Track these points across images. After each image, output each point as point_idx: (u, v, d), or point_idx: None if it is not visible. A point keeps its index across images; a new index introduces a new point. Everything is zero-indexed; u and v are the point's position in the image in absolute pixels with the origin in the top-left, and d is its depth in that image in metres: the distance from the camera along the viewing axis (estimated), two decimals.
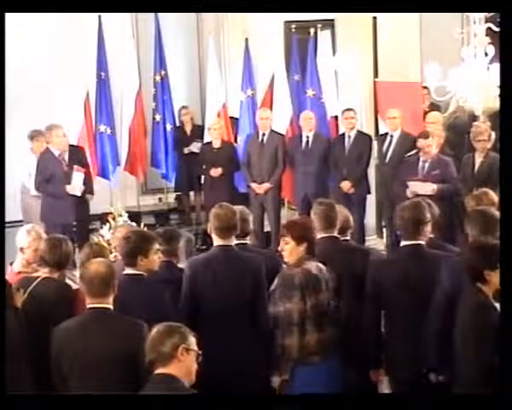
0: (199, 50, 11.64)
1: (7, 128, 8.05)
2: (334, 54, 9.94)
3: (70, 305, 4.51)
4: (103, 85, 9.98)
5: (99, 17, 9.80)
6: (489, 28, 7.18)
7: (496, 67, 6.95)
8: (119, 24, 10.17)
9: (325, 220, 5.04)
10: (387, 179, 8.41)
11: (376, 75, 9.61)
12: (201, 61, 11.50)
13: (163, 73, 10.36)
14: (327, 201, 5.40)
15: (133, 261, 4.50)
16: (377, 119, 9.50)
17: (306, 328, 4.42)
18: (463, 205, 6.17)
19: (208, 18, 11.24)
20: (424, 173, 7.72)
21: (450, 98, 7.89)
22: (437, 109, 9.10)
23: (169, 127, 10.42)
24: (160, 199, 11.33)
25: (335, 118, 9.71)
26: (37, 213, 8.18)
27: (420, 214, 4.76)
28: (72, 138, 9.00)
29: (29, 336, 4.33)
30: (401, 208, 4.86)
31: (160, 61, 10.34)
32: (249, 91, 10.15)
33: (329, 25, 10.24)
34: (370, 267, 4.88)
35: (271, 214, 9.06)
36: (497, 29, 6.73)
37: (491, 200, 5.35)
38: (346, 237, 5.26)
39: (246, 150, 9.24)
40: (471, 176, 7.70)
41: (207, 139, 9.74)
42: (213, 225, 4.85)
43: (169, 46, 10.66)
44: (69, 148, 8.65)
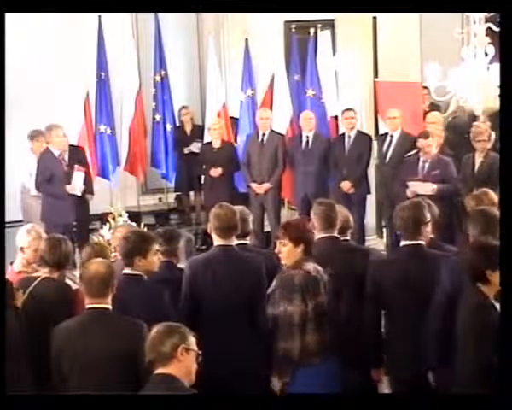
0: (199, 50, 11.63)
1: (7, 128, 8.05)
2: (334, 54, 9.94)
3: (70, 305, 4.51)
4: (103, 85, 9.98)
5: (99, 17, 9.80)
6: (489, 28, 7.18)
7: (496, 67, 6.95)
8: (119, 24, 10.16)
9: (325, 220, 5.04)
10: (387, 179, 8.41)
11: (376, 75, 9.60)
12: (201, 61, 11.50)
13: (163, 73, 10.35)
14: (327, 201, 5.39)
15: (132, 262, 4.50)
16: (377, 119, 9.50)
17: (307, 330, 4.41)
18: (463, 205, 6.18)
19: (208, 18, 11.23)
20: (424, 173, 7.72)
21: (450, 98, 7.89)
22: (437, 109, 9.10)
23: (169, 127, 10.42)
24: (160, 199, 11.33)
25: (335, 118, 9.70)
26: (37, 213, 8.17)
27: (420, 214, 4.77)
28: (72, 138, 8.99)
29: (29, 336, 4.33)
30: (401, 208, 4.86)
31: (160, 61, 10.34)
32: (249, 91, 10.14)
33: (329, 25, 10.24)
34: (370, 267, 4.88)
35: (271, 214, 9.06)
36: (497, 29, 6.73)
37: (491, 200, 5.35)
38: (346, 237, 5.25)
39: (246, 150, 9.24)
40: (471, 176, 7.70)
41: (207, 139, 9.73)
42: (213, 225, 4.84)
43: (169, 46, 10.66)
44: (69, 148, 8.65)
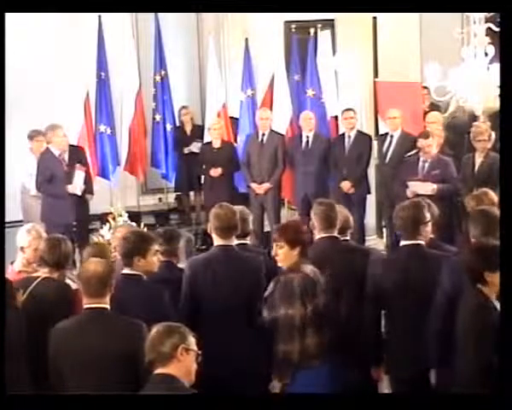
0: (199, 50, 11.63)
1: (7, 128, 8.03)
2: (334, 54, 9.94)
3: (70, 305, 4.50)
4: (103, 85, 9.97)
5: (99, 17, 9.80)
6: (489, 28, 7.18)
7: (496, 67, 6.95)
8: (119, 24, 10.16)
9: (325, 220, 5.03)
10: (387, 179, 8.41)
11: (376, 75, 9.60)
12: (201, 61, 11.50)
13: (163, 73, 10.35)
14: (327, 201, 5.39)
15: (131, 262, 4.50)
16: (377, 119, 9.50)
17: (306, 332, 4.40)
18: (463, 205, 6.18)
19: (208, 18, 11.23)
20: (424, 173, 7.72)
21: (450, 98, 7.89)
22: (437, 109, 9.09)
23: (169, 127, 10.42)
24: (160, 199, 11.32)
25: (335, 118, 9.70)
26: (37, 213, 8.17)
27: (419, 214, 4.77)
28: (72, 138, 8.99)
29: (29, 336, 4.32)
30: (400, 208, 4.86)
31: (160, 61, 10.34)
32: (249, 91, 10.14)
33: (329, 25, 10.24)
34: (370, 267, 4.88)
35: (271, 214, 9.06)
36: (497, 29, 6.73)
37: (491, 200, 5.34)
38: (346, 237, 5.25)
39: (246, 150, 9.24)
40: (471, 176, 7.70)
41: (207, 139, 9.73)
42: (213, 225, 4.84)
43: (169, 46, 10.66)
44: (69, 148, 8.63)
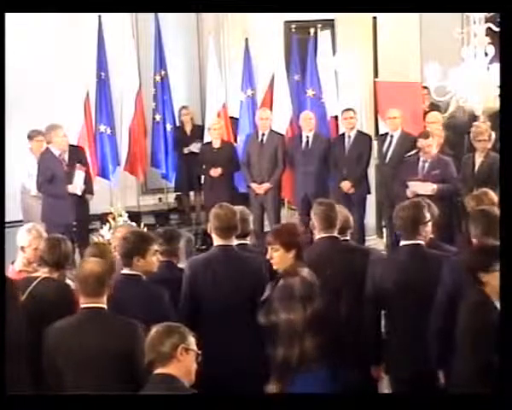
0: (199, 50, 11.63)
1: (7, 128, 8.05)
2: (334, 54, 9.94)
3: (70, 305, 4.49)
4: (103, 85, 9.98)
5: (99, 17, 9.80)
6: (489, 28, 7.18)
7: (496, 67, 6.96)
8: (119, 24, 10.17)
9: (325, 220, 5.03)
10: (387, 179, 8.41)
11: (376, 75, 9.60)
12: (201, 61, 11.50)
13: (163, 73, 10.35)
14: (327, 201, 5.39)
15: (131, 262, 4.50)
16: (377, 119, 9.50)
17: (306, 336, 4.38)
18: (463, 205, 6.17)
19: (208, 18, 11.23)
20: (424, 173, 7.72)
21: (450, 98, 7.89)
22: (437, 109, 9.09)
23: (169, 127, 10.42)
24: (160, 199, 11.33)
25: (335, 118, 9.70)
26: (37, 213, 8.17)
27: (419, 214, 4.76)
28: (72, 138, 8.99)
29: (29, 336, 4.32)
30: (401, 208, 4.86)
31: (160, 61, 10.34)
32: (249, 91, 10.15)
33: (329, 25, 10.24)
34: (370, 267, 4.87)
35: (271, 214, 9.05)
36: (497, 29, 6.74)
37: (491, 200, 5.34)
38: (346, 237, 5.25)
39: (246, 150, 9.24)
40: (471, 176, 7.70)
41: (207, 139, 9.73)
42: (213, 225, 4.84)
43: (169, 46, 10.66)
44: (69, 148, 8.62)
